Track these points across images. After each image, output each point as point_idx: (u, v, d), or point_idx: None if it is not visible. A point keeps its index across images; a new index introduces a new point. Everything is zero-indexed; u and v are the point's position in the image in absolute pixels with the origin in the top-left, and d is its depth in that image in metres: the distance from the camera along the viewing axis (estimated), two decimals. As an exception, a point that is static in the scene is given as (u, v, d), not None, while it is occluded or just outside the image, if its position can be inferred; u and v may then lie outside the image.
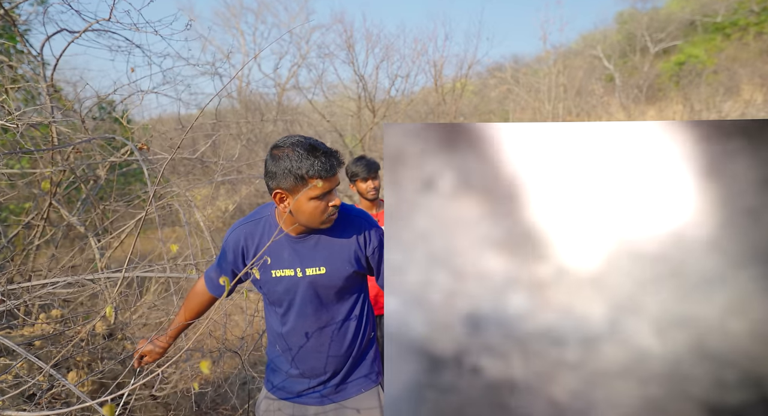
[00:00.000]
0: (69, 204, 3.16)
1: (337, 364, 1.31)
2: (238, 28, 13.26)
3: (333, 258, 1.24)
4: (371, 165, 2.42)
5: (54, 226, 2.44)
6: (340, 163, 1.18)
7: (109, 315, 0.78)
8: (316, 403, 1.33)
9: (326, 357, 1.30)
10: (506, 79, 14.87)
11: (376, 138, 7.55)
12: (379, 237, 1.29)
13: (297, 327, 1.29)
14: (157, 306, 2.68)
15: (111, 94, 2.58)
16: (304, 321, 1.28)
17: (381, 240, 1.29)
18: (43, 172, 2.08)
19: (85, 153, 2.51)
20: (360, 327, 1.33)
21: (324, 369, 1.30)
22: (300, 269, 1.25)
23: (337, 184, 1.19)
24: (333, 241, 1.25)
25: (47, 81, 2.03)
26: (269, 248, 1.26)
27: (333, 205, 1.18)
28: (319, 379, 1.32)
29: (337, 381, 1.32)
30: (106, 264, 2.51)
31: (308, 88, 8.14)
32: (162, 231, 3.37)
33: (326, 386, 1.32)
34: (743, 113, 10.78)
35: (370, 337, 1.38)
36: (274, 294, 1.30)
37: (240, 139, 5.99)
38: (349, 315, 1.31)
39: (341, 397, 1.33)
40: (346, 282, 1.26)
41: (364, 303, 1.35)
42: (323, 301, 1.27)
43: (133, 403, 2.01)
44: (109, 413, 0.63)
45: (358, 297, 1.33)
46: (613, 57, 16.34)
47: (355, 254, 1.25)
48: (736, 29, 15.42)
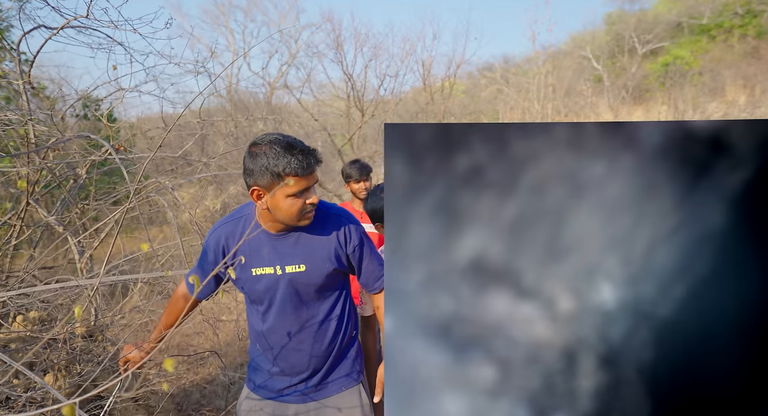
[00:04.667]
0: (52, 203, 3.11)
1: (318, 362, 1.31)
2: (227, 26, 13.17)
3: (313, 256, 1.23)
4: (364, 168, 2.78)
5: (29, 226, 2.40)
6: (317, 161, 1.18)
7: (78, 317, 0.76)
8: (297, 401, 1.32)
9: (307, 356, 1.29)
10: (496, 79, 14.95)
11: (366, 137, 7.55)
12: (359, 235, 1.28)
13: (277, 326, 1.29)
14: (140, 307, 2.65)
15: (91, 92, 2.54)
16: (285, 319, 1.28)
17: (362, 238, 1.28)
18: (19, 171, 2.04)
19: (64, 152, 2.47)
20: (341, 326, 1.33)
21: (305, 367, 1.30)
22: (280, 267, 1.24)
23: (315, 181, 1.19)
24: (313, 239, 1.24)
25: (23, 78, 1.99)
26: (249, 246, 1.26)
27: (310, 203, 1.18)
28: (299, 377, 1.31)
29: (318, 379, 1.32)
30: (87, 263, 2.48)
31: (297, 88, 8.10)
32: (149, 231, 3.34)
33: (307, 384, 1.32)
34: (726, 114, 10.96)
35: (351, 336, 1.38)
36: (254, 292, 1.29)
37: (228, 138, 5.95)
38: (330, 313, 1.30)
39: (322, 395, 1.32)
40: (326, 280, 1.25)
41: (345, 302, 1.34)
42: (303, 299, 1.27)
43: (113, 406, 1.98)
44: (68, 413, 0.62)
45: (339, 295, 1.32)
46: (602, 58, 16.51)
47: (335, 252, 1.25)
48: (721, 31, 15.68)
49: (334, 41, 7.64)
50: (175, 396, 2.69)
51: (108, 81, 2.51)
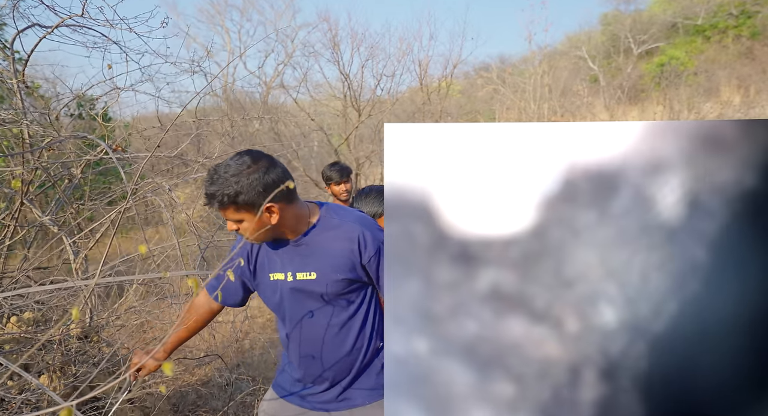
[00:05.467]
0: (47, 203, 3.08)
1: (337, 372, 1.27)
2: (223, 25, 13.11)
3: (324, 264, 1.21)
4: (343, 170, 2.79)
5: (23, 227, 2.38)
6: (219, 203, 1.12)
7: (75, 318, 0.75)
8: (320, 409, 1.30)
9: (325, 365, 1.27)
10: (492, 79, 14.98)
11: (362, 137, 7.54)
12: (376, 244, 1.23)
13: (293, 333, 1.29)
14: (136, 308, 2.63)
15: (86, 91, 2.52)
16: (299, 327, 1.27)
17: (379, 248, 1.23)
18: (13, 171, 2.02)
19: (58, 151, 2.45)
20: (363, 336, 1.28)
21: (322, 376, 1.28)
22: (291, 273, 1.24)
23: (228, 217, 1.15)
24: (327, 247, 1.22)
25: (17, 77, 1.98)
26: (268, 251, 1.27)
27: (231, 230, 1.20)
28: (322, 386, 1.29)
29: (340, 389, 1.29)
30: (82, 264, 2.46)
31: (294, 87, 8.08)
32: (145, 232, 3.32)
33: (330, 394, 1.29)
34: (721, 114, 11.03)
35: (377, 347, 1.32)
36: (268, 298, 1.31)
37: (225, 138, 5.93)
38: (347, 322, 1.26)
39: (344, 406, 1.29)
40: (338, 289, 1.23)
41: (368, 312, 1.29)
42: (316, 307, 1.25)
43: (108, 407, 1.96)
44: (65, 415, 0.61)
45: (359, 305, 1.27)
46: (598, 58, 16.57)
47: (348, 261, 1.21)
48: (716, 32, 15.77)
49: (330, 41, 7.62)
50: (172, 397, 2.67)
51: (103, 80, 2.49)
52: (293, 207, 1.20)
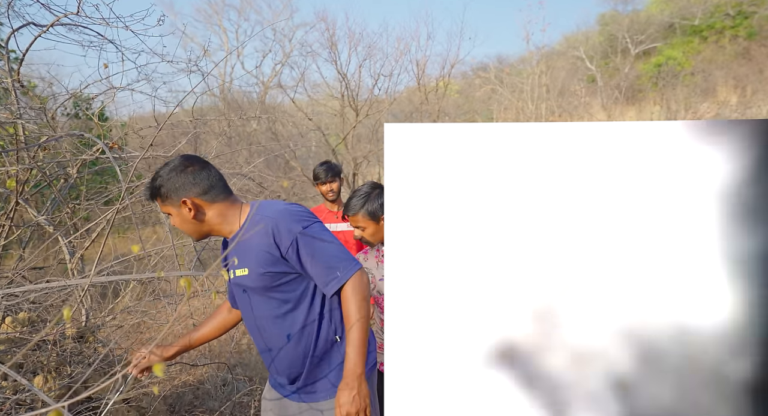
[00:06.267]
0: (42, 203, 3.07)
1: (290, 365, 1.30)
2: (220, 25, 13.09)
3: (251, 259, 1.26)
4: (329, 170, 2.72)
5: (18, 226, 2.37)
6: (144, 193, 1.32)
7: (66, 319, 0.75)
8: (296, 400, 1.34)
9: (273, 357, 1.32)
10: (490, 79, 14.98)
11: (360, 137, 7.54)
12: (292, 235, 1.22)
13: (248, 327, 1.36)
14: (131, 308, 2.62)
15: (82, 90, 2.51)
16: (250, 321, 1.34)
17: (295, 239, 1.22)
18: (8, 170, 2.01)
19: (54, 150, 2.44)
20: (307, 328, 1.28)
21: (279, 368, 1.32)
22: (233, 271, 1.31)
23: (165, 212, 1.31)
24: (251, 243, 1.25)
25: (12, 76, 1.96)
26: (229, 252, 1.34)
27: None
28: (285, 378, 1.33)
29: (302, 382, 1.31)
30: (78, 264, 2.45)
31: (291, 87, 8.06)
32: (141, 231, 3.30)
33: (294, 386, 1.34)
34: (718, 114, 11.06)
35: (333, 341, 1.32)
36: (229, 293, 1.43)
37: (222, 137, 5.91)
38: (287, 314, 1.28)
39: (312, 399, 1.32)
40: (267, 282, 1.25)
41: (312, 304, 1.29)
42: (255, 301, 1.30)
43: (102, 407, 1.95)
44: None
45: (299, 297, 1.28)
46: (595, 58, 16.59)
47: (268, 255, 1.23)
48: (713, 32, 15.82)
49: (328, 40, 7.61)
50: (168, 397, 2.66)
51: (99, 79, 2.48)
52: (218, 205, 1.28)
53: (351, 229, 2.85)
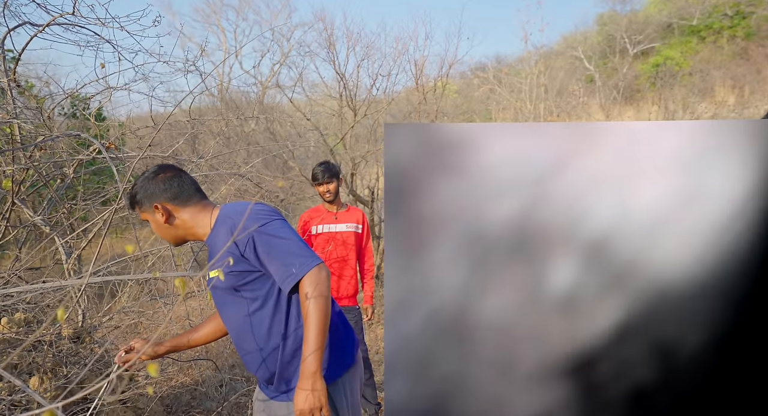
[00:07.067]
0: (39, 203, 3.06)
1: (264, 364, 1.33)
2: (218, 25, 13.08)
3: (220, 260, 1.28)
4: (326, 171, 2.69)
5: (14, 227, 2.36)
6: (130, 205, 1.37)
7: (61, 319, 0.75)
8: (284, 400, 1.34)
9: (246, 356, 1.36)
10: (489, 79, 15.00)
11: (358, 137, 7.53)
12: (248, 235, 1.24)
13: (226, 328, 1.40)
14: (128, 308, 2.61)
15: (79, 90, 2.50)
16: (226, 321, 1.38)
17: (251, 237, 1.24)
18: (4, 170, 2.00)
19: (51, 150, 2.43)
20: (274, 327, 1.29)
21: (254, 367, 1.35)
22: (208, 273, 1.32)
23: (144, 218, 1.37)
24: (218, 244, 1.30)
25: (9, 76, 1.96)
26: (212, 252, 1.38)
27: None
28: (262, 379, 1.37)
29: (275, 382, 1.33)
30: (75, 264, 2.44)
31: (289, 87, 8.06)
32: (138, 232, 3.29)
33: (268, 385, 1.37)
34: (715, 114, 11.09)
35: (300, 338, 1.30)
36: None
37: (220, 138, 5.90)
38: (256, 313, 1.30)
39: (287, 398, 1.33)
40: (234, 281, 1.28)
41: (278, 302, 1.29)
42: (227, 301, 1.34)
43: (101, 408, 1.95)
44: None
45: (265, 295, 1.29)
46: (594, 58, 16.62)
47: (231, 254, 1.26)
48: (711, 32, 15.85)
49: (326, 40, 7.60)
50: (165, 398, 2.66)
51: (96, 79, 2.47)
52: (189, 209, 1.34)
53: (349, 230, 2.84)
